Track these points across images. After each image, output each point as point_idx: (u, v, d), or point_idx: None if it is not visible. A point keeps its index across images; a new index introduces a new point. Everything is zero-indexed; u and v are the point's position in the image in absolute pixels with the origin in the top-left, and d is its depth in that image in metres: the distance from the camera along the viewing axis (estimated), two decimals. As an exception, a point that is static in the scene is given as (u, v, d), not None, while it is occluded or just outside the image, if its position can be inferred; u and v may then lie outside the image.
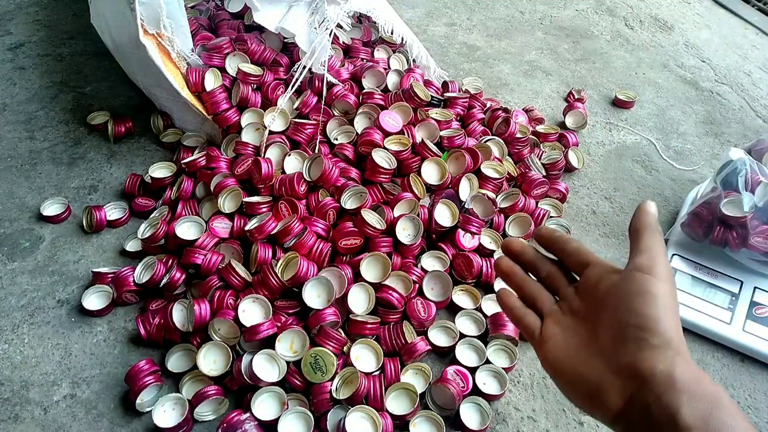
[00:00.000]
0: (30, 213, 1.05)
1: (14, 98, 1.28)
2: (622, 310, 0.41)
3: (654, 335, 0.39)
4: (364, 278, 0.89)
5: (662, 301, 0.40)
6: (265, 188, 0.99)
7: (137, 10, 1.00)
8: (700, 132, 1.34)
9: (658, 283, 0.41)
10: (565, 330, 0.46)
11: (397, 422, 0.80)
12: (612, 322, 0.42)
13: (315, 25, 1.11)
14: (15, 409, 0.80)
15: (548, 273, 0.51)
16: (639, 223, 0.46)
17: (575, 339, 0.45)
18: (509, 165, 1.12)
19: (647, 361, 0.38)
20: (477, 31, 1.62)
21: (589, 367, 0.42)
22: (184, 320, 0.85)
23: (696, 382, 0.37)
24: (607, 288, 0.44)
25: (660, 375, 0.37)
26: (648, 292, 0.40)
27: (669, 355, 0.38)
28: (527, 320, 0.49)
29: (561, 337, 0.46)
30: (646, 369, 0.38)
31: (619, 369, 0.40)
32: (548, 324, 0.47)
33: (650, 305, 0.40)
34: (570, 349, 0.44)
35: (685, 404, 0.35)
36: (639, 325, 0.39)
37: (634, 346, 0.39)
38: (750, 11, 1.81)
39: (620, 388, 0.39)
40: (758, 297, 0.95)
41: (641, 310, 0.40)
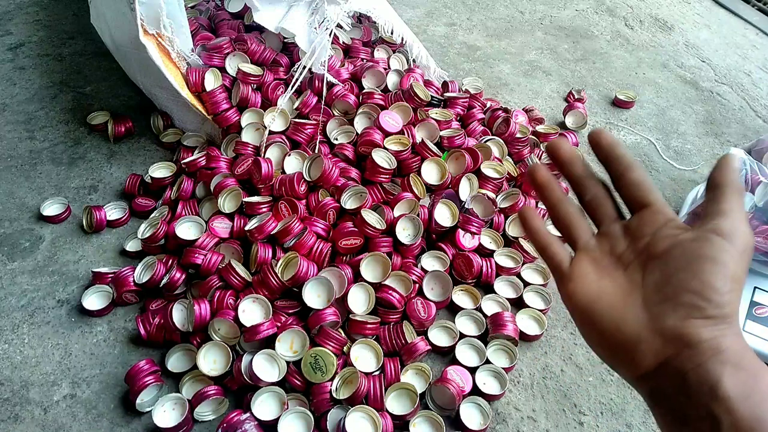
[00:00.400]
0: (30, 213, 1.05)
1: (14, 98, 1.28)
2: (686, 272, 0.36)
3: (712, 306, 0.35)
4: (364, 278, 0.89)
5: (732, 272, 0.35)
6: (265, 188, 0.99)
7: (137, 10, 1.00)
8: (700, 132, 1.34)
9: (735, 253, 0.36)
10: (602, 271, 0.40)
11: (397, 422, 0.80)
12: (667, 281, 0.37)
13: (315, 25, 1.11)
14: (15, 409, 0.80)
15: (593, 197, 0.42)
16: (723, 179, 0.38)
17: (612, 284, 0.39)
18: (509, 165, 1.12)
19: (696, 327, 0.34)
20: (477, 31, 1.62)
21: (626, 319, 0.37)
22: (184, 320, 0.85)
23: (742, 355, 0.34)
24: (669, 243, 0.38)
25: (706, 344, 0.34)
26: (722, 261, 0.36)
27: (721, 327, 0.34)
28: (554, 249, 0.41)
29: (595, 278, 0.40)
30: (693, 335, 0.34)
31: (662, 329, 0.36)
32: (582, 259, 0.41)
33: (720, 276, 0.35)
34: (605, 293, 0.39)
35: (728, 375, 0.33)
36: (699, 292, 0.35)
37: (686, 311, 0.35)
38: (750, 11, 1.81)
39: (657, 349, 0.36)
40: (758, 297, 0.95)
41: (708, 279, 0.35)
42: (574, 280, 0.40)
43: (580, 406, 0.84)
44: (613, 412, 0.84)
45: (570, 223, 0.42)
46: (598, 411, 0.84)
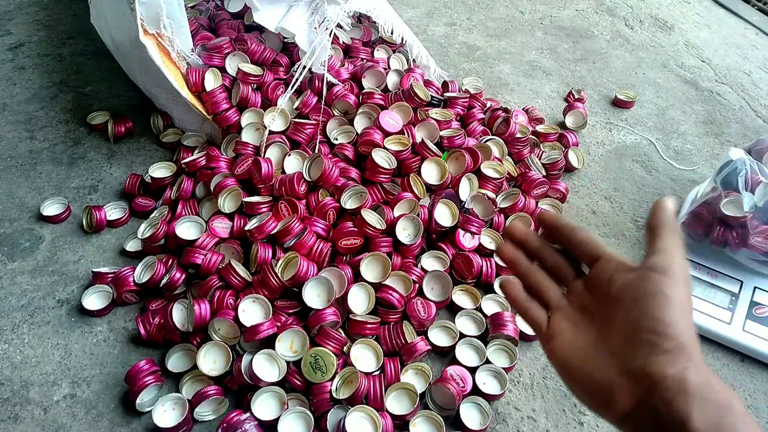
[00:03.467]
0: (30, 213, 1.05)
1: (14, 98, 1.28)
2: (636, 311, 0.40)
3: (667, 340, 0.38)
4: (364, 278, 0.89)
5: (677, 305, 0.39)
6: (265, 188, 0.99)
7: (137, 10, 1.00)
8: (700, 132, 1.34)
9: (673, 286, 0.39)
10: (575, 326, 0.44)
11: (397, 422, 0.80)
12: (624, 323, 0.40)
13: (315, 25, 1.11)
14: (15, 409, 0.80)
15: (554, 264, 0.47)
16: (656, 221, 0.43)
17: (585, 336, 0.43)
18: (509, 165, 1.12)
19: (659, 365, 0.37)
20: (477, 31, 1.62)
21: (599, 368, 0.41)
22: (184, 320, 0.85)
23: (707, 386, 0.36)
24: (620, 287, 0.42)
25: (671, 379, 0.36)
26: (662, 294, 0.39)
27: (682, 360, 0.37)
28: (533, 313, 0.47)
29: (570, 334, 0.44)
30: (657, 373, 0.37)
31: (630, 371, 0.39)
32: (557, 319, 0.45)
33: (664, 309, 0.39)
34: (579, 346, 0.43)
35: (695, 409, 0.35)
36: (652, 329, 0.38)
37: (647, 349, 0.38)
38: (750, 11, 1.81)
39: (630, 390, 0.38)
40: (758, 297, 0.95)
41: (655, 314, 0.39)
42: (553, 338, 0.44)
43: (580, 406, 0.84)
44: (613, 412, 0.84)
45: (540, 287, 0.47)
46: (598, 411, 0.84)
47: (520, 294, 0.48)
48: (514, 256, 0.49)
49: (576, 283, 0.46)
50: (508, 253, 0.49)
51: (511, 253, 0.49)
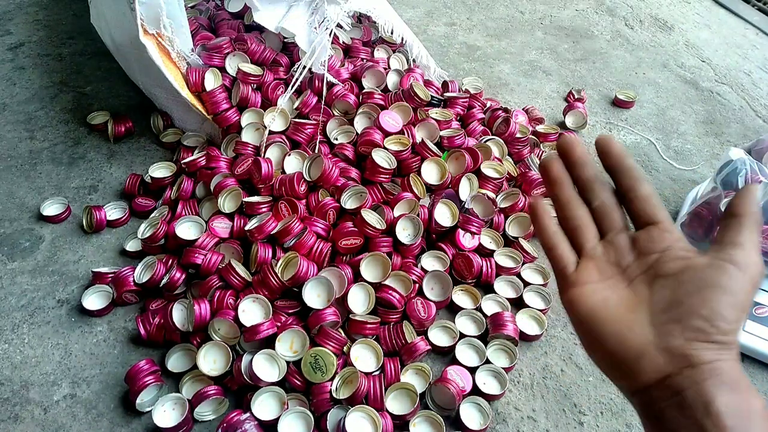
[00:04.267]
0: (30, 213, 1.05)
1: (14, 98, 1.28)
2: (696, 296, 0.37)
3: (718, 332, 0.36)
4: (364, 278, 0.89)
5: (741, 305, 0.37)
6: (265, 188, 0.99)
7: (137, 10, 1.00)
8: (700, 132, 1.34)
9: (746, 283, 0.37)
10: (606, 280, 0.40)
11: (397, 422, 0.80)
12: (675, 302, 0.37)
13: (315, 25, 1.11)
14: (15, 409, 0.80)
15: (603, 204, 0.41)
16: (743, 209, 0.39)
17: (616, 295, 0.39)
18: (509, 165, 1.12)
19: (700, 350, 0.36)
20: (477, 31, 1.62)
21: (632, 332, 0.38)
22: (184, 320, 0.85)
23: (737, 380, 0.36)
24: (679, 265, 0.38)
25: (707, 366, 0.35)
26: (733, 291, 0.37)
27: (722, 352, 0.36)
28: (561, 250, 0.41)
29: (599, 287, 0.40)
30: (696, 357, 0.36)
31: (667, 347, 0.37)
32: (587, 266, 0.40)
33: (730, 305, 0.36)
34: (609, 303, 0.39)
35: (723, 395, 0.34)
36: (708, 318, 0.36)
37: (693, 333, 0.36)
38: (750, 11, 1.81)
39: (659, 365, 0.36)
40: (758, 297, 0.95)
41: (718, 307, 0.36)
42: (577, 286, 0.40)
43: (580, 406, 0.84)
44: (613, 412, 0.84)
45: (578, 225, 0.41)
46: (598, 411, 0.84)
47: (552, 225, 0.42)
48: (560, 176, 0.41)
49: (620, 236, 0.41)
50: (556, 169, 0.41)
51: (558, 173, 0.41)
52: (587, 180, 0.41)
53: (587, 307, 0.39)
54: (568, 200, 0.41)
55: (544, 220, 0.42)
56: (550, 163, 0.41)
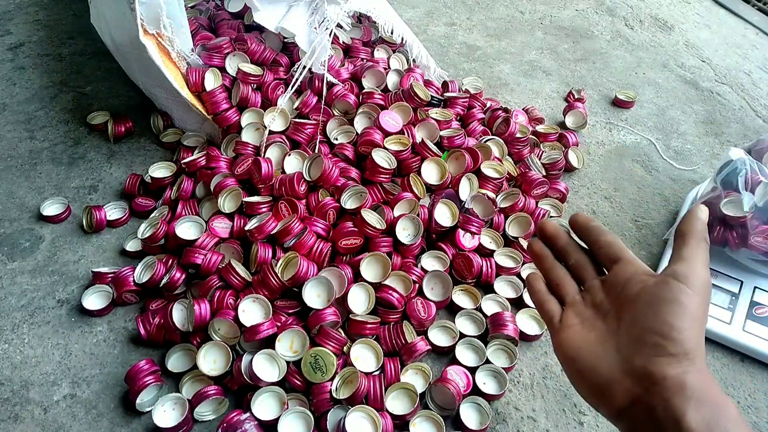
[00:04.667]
0: (30, 213, 1.05)
1: (14, 98, 1.28)
2: (648, 314, 0.41)
3: (673, 344, 0.39)
4: (364, 278, 0.89)
5: (690, 313, 0.40)
6: (265, 188, 0.99)
7: (137, 10, 1.00)
8: (700, 132, 1.34)
9: (692, 295, 0.41)
10: (585, 321, 0.46)
11: (397, 422, 0.80)
12: (635, 323, 0.42)
13: (315, 25, 1.11)
14: (15, 409, 0.80)
15: (576, 261, 0.51)
16: (687, 229, 0.45)
17: (593, 332, 0.45)
18: (509, 165, 1.12)
19: (660, 365, 0.39)
20: (477, 31, 1.62)
21: (602, 363, 0.42)
22: (184, 320, 0.85)
23: (705, 390, 0.37)
24: (637, 289, 0.44)
25: (670, 380, 0.38)
26: (678, 301, 0.40)
27: (684, 364, 0.38)
28: (549, 306, 0.50)
29: (579, 328, 0.46)
30: (658, 373, 0.38)
31: (631, 369, 0.40)
32: (569, 313, 0.48)
33: (677, 315, 0.40)
34: (586, 341, 0.45)
35: (691, 409, 0.36)
36: (661, 332, 0.40)
37: (651, 350, 0.40)
38: (750, 11, 1.81)
39: (628, 387, 0.40)
40: (758, 297, 0.95)
41: (667, 319, 0.40)
42: (562, 331, 0.47)
43: (580, 406, 0.84)
44: (613, 412, 0.84)
45: (560, 283, 0.51)
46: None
47: (542, 288, 0.52)
48: (542, 251, 0.53)
49: (594, 281, 0.48)
50: (537, 248, 0.53)
51: (540, 249, 0.53)
52: (561, 247, 0.52)
53: (568, 347, 0.46)
54: (549, 266, 0.52)
55: (536, 286, 0.52)
56: (532, 243, 0.54)
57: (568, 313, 0.48)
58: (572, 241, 0.52)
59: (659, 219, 1.12)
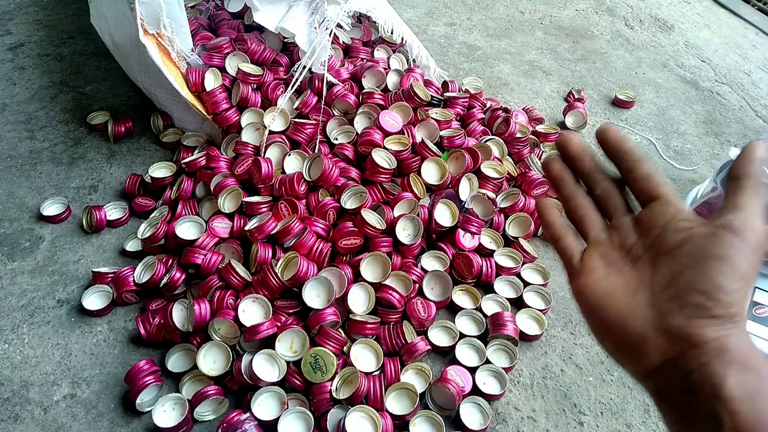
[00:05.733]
0: (30, 213, 1.05)
1: (14, 98, 1.28)
2: (693, 269, 0.35)
3: (718, 306, 0.34)
4: (364, 278, 0.89)
5: (742, 273, 0.35)
6: (265, 188, 0.99)
7: (137, 10, 1.00)
8: (700, 132, 1.34)
9: (746, 251, 0.35)
10: (611, 265, 0.40)
11: (397, 422, 0.80)
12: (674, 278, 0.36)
13: (315, 25, 1.11)
14: (15, 409, 0.80)
15: (604, 191, 0.42)
16: (742, 171, 0.38)
17: (622, 279, 0.39)
18: (509, 165, 1.12)
19: (701, 328, 0.34)
20: (477, 31, 1.62)
21: (633, 316, 0.37)
22: (184, 320, 0.85)
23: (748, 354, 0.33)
24: (679, 237, 0.37)
25: (711, 344, 0.33)
26: (730, 259, 0.35)
27: (727, 326, 0.34)
28: (567, 241, 0.42)
29: (604, 272, 0.39)
30: (698, 335, 0.34)
31: (668, 328, 0.35)
32: (592, 253, 0.41)
33: (727, 275, 0.34)
34: (613, 288, 0.38)
35: (732, 375, 0.32)
36: (707, 292, 0.34)
37: (693, 310, 0.35)
38: (750, 11, 1.81)
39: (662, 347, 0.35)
40: (758, 297, 0.95)
41: (714, 278, 0.35)
42: (584, 275, 0.40)
43: (580, 406, 0.84)
44: (613, 412, 0.84)
45: (582, 215, 0.42)
46: (598, 411, 0.84)
47: (558, 218, 0.43)
48: (562, 173, 0.43)
49: (623, 219, 0.41)
50: (556, 168, 0.43)
51: (559, 170, 0.43)
52: (587, 171, 0.43)
53: (592, 295, 0.39)
54: (570, 193, 0.43)
55: (549, 214, 0.43)
56: (550, 162, 0.43)
57: (591, 253, 0.40)
58: (600, 166, 0.43)
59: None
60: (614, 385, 0.87)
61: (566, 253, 0.42)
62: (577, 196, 0.43)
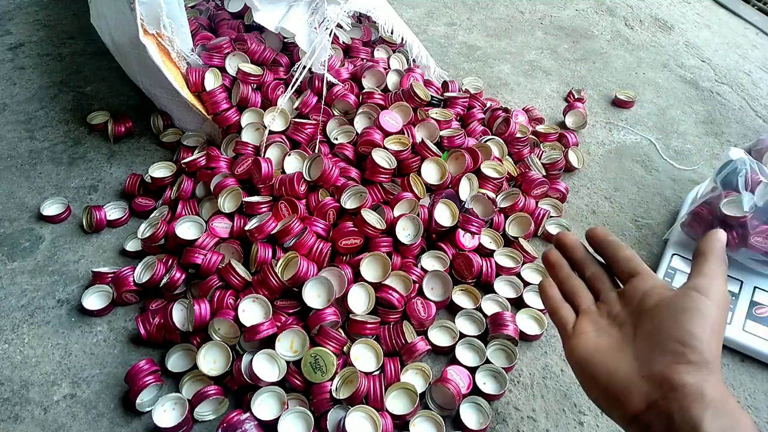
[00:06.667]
0: (30, 213, 1.05)
1: (14, 98, 1.28)
2: (669, 322, 0.42)
3: (693, 352, 0.40)
4: (364, 278, 0.89)
5: (710, 323, 0.41)
6: (265, 188, 0.99)
7: (137, 10, 1.00)
8: (700, 132, 1.34)
9: (712, 306, 0.42)
10: (600, 329, 0.47)
11: (397, 422, 0.80)
12: (653, 332, 0.43)
13: (315, 25, 1.11)
14: (15, 409, 0.80)
15: (593, 274, 0.51)
16: (707, 248, 0.46)
17: (608, 340, 0.46)
18: (509, 165, 1.12)
19: (680, 373, 0.39)
20: (477, 31, 1.62)
21: (618, 368, 0.43)
22: (184, 320, 0.85)
23: (723, 400, 0.38)
24: (655, 300, 0.45)
25: (690, 387, 0.38)
26: (699, 311, 0.41)
27: (702, 372, 0.39)
28: (563, 312, 0.50)
29: (594, 335, 0.47)
30: (677, 379, 0.39)
31: (650, 375, 0.41)
32: (583, 320, 0.48)
33: (698, 324, 0.41)
34: (601, 347, 0.45)
35: (708, 417, 0.36)
36: (681, 340, 0.40)
37: (671, 357, 0.40)
38: (750, 11, 1.81)
39: (645, 392, 0.40)
40: (758, 297, 0.95)
41: (687, 327, 0.41)
42: (576, 337, 0.47)
43: (580, 406, 0.84)
44: (613, 412, 0.84)
45: (575, 292, 0.51)
46: (598, 411, 0.84)
47: (556, 295, 0.52)
48: (558, 261, 0.53)
49: (610, 294, 0.49)
50: (554, 257, 0.53)
51: (556, 258, 0.53)
52: (579, 259, 0.53)
53: (583, 353, 0.46)
54: (566, 276, 0.52)
55: (549, 293, 0.52)
56: (549, 253, 0.54)
57: (583, 320, 0.48)
58: (589, 254, 0.53)
59: (659, 219, 1.12)
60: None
61: (561, 321, 0.50)
62: (571, 278, 0.52)
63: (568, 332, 0.49)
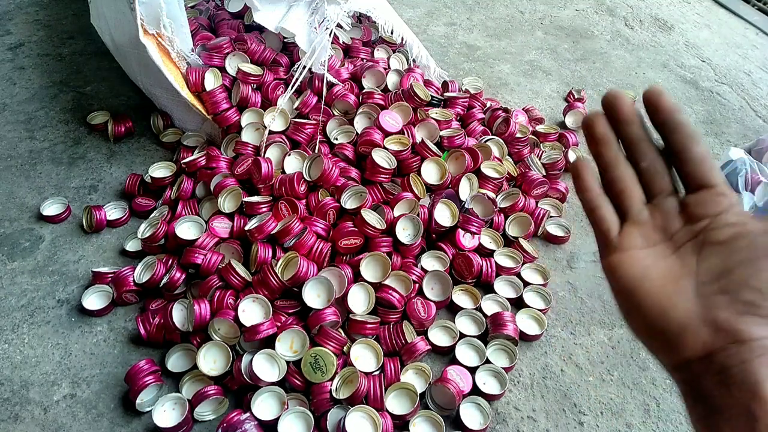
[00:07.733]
0: (30, 213, 1.05)
1: (14, 98, 1.28)
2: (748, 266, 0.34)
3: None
4: (364, 278, 0.89)
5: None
6: (265, 188, 0.99)
7: (137, 10, 1.00)
8: (700, 132, 1.34)
9: None
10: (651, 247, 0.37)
11: (397, 422, 0.80)
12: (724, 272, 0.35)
13: (315, 25, 1.11)
14: (15, 409, 0.80)
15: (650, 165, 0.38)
16: None
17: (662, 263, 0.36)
18: (509, 165, 1.12)
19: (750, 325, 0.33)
20: (477, 31, 1.62)
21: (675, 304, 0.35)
22: (184, 320, 0.85)
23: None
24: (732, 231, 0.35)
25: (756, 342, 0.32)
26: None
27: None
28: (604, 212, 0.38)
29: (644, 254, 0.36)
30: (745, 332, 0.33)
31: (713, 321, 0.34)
32: (632, 231, 0.37)
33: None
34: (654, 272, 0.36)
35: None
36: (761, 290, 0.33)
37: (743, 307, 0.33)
38: (750, 11, 1.81)
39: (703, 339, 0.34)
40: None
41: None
42: (620, 252, 0.37)
43: (580, 406, 0.84)
44: (613, 412, 0.84)
45: (624, 188, 0.38)
46: (598, 411, 0.84)
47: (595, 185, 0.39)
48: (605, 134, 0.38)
49: (668, 200, 0.38)
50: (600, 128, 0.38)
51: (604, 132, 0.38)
52: (634, 139, 0.38)
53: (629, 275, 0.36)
54: (613, 160, 0.38)
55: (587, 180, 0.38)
56: (595, 119, 0.38)
57: (630, 231, 0.37)
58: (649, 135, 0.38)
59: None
60: (614, 385, 0.87)
61: (603, 225, 0.38)
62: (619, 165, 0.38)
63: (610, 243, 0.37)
